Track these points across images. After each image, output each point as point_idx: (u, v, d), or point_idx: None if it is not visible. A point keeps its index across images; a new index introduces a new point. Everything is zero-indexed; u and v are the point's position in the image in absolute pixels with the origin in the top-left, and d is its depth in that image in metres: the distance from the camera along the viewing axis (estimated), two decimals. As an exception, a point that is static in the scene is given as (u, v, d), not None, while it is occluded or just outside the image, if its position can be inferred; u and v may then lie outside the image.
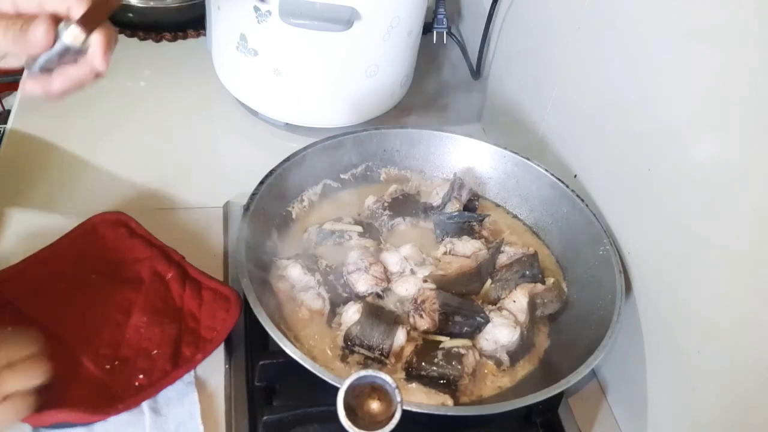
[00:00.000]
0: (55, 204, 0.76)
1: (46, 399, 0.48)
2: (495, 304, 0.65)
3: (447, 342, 0.61)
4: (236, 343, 0.65)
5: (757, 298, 0.48)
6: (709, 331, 0.53)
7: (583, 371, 0.56)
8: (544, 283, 0.68)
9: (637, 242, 0.63)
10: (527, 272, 0.67)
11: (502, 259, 0.70)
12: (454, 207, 0.74)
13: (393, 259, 0.67)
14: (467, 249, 0.70)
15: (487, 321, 0.62)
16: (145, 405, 0.58)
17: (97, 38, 0.47)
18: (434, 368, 0.59)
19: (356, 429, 0.44)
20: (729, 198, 0.51)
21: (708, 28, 0.52)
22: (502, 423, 0.60)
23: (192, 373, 0.61)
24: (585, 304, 0.66)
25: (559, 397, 0.61)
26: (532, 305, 0.65)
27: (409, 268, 0.67)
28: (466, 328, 0.63)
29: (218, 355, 0.63)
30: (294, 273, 0.65)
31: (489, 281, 0.67)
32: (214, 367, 0.63)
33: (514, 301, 0.64)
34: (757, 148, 0.48)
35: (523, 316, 0.63)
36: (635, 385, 0.62)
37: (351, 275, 0.65)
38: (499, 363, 0.62)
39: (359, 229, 0.70)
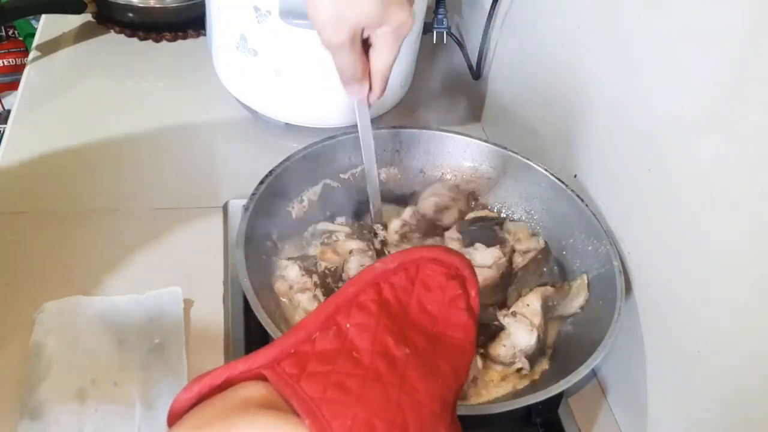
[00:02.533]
0: (56, 204, 0.77)
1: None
2: (508, 308, 0.64)
3: None
4: (236, 343, 0.65)
5: (757, 298, 0.48)
6: (709, 331, 0.53)
7: (583, 371, 0.56)
8: (565, 274, 0.67)
9: (637, 242, 0.63)
10: (544, 269, 0.67)
11: (517, 260, 0.69)
12: (453, 216, 0.74)
13: None
14: (486, 259, 0.67)
15: (502, 328, 0.62)
16: (137, 397, 0.58)
17: None
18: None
19: None
20: (729, 198, 0.51)
21: (708, 27, 0.52)
22: (502, 423, 0.60)
23: (185, 369, 0.61)
24: (585, 303, 0.66)
25: (559, 397, 0.61)
26: (546, 308, 0.64)
27: None
28: (480, 337, 0.62)
29: (217, 355, 0.63)
30: (292, 274, 0.65)
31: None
32: (211, 366, 0.62)
33: (528, 305, 0.64)
34: (758, 148, 0.48)
35: (538, 319, 0.63)
36: (635, 385, 0.62)
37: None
38: (519, 369, 0.61)
39: (347, 230, 0.70)
